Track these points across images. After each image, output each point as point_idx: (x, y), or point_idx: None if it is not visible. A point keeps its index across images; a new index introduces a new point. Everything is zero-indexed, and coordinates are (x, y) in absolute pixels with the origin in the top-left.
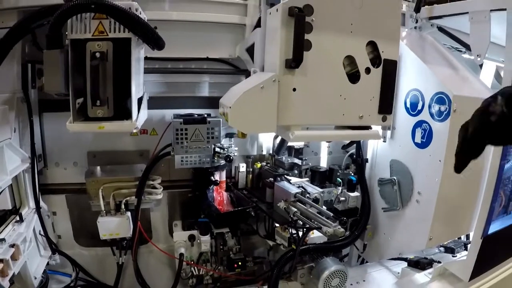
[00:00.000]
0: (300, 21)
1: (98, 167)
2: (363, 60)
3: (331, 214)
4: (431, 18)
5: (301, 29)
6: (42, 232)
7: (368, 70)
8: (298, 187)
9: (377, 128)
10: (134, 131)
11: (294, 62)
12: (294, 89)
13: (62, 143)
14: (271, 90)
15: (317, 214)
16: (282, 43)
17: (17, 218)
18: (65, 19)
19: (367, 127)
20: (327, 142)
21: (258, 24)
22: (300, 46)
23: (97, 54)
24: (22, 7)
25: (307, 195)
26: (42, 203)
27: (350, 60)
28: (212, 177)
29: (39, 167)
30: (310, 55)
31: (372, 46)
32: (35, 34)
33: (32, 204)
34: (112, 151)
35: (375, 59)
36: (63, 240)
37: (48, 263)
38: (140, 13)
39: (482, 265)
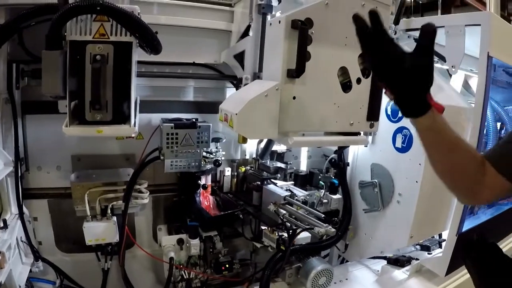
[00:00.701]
0: (304, 33)
1: (83, 171)
2: (355, 70)
3: (322, 215)
4: (408, 30)
5: (304, 41)
6: (23, 239)
7: (359, 80)
8: (286, 190)
9: (362, 134)
10: (133, 135)
11: (296, 72)
12: (294, 97)
13: (45, 146)
14: (274, 98)
15: (308, 216)
16: (284, 53)
17: (1, 224)
18: (67, 20)
19: (356, 133)
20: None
21: (246, 32)
22: (303, 57)
23: (98, 57)
24: (10, 5)
25: (295, 197)
26: (24, 209)
27: (343, 71)
28: (199, 181)
29: (21, 170)
30: (309, 65)
31: (363, 57)
32: (22, 33)
33: (14, 209)
34: (97, 155)
35: (365, 70)
36: (43, 246)
37: (30, 271)
38: (140, 17)
39: (457, 261)
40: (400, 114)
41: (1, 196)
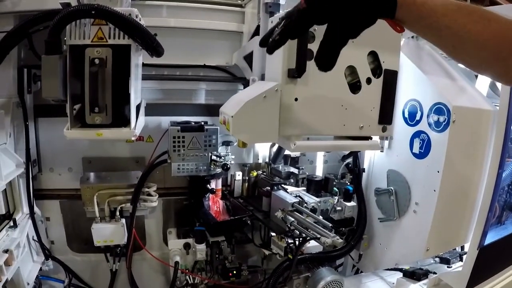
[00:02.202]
0: None
1: (93, 173)
2: (364, 70)
3: (330, 225)
4: None
5: (304, 39)
6: (35, 238)
7: (369, 80)
8: (295, 196)
9: (375, 138)
10: (133, 138)
11: (297, 72)
12: (296, 99)
13: (57, 148)
14: (273, 100)
15: (315, 224)
16: (285, 52)
17: (11, 223)
18: (65, 25)
19: (367, 138)
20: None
21: (256, 32)
22: (303, 56)
23: (96, 61)
24: (19, 12)
25: (305, 204)
26: (36, 209)
27: (351, 70)
28: (208, 185)
29: (34, 172)
30: (312, 64)
31: (373, 56)
32: (31, 38)
33: (26, 209)
34: (108, 157)
35: (376, 69)
36: (56, 245)
37: (41, 269)
38: (140, 20)
39: (478, 276)
40: (418, 117)
41: (13, 196)
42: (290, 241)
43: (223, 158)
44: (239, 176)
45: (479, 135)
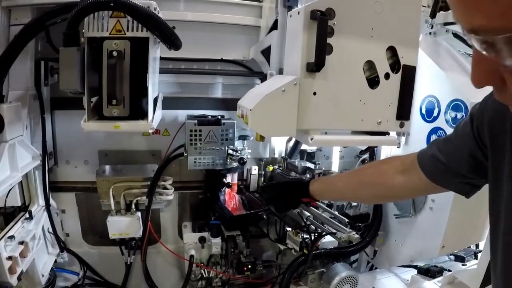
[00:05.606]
0: (323, 24)
1: (109, 166)
2: (383, 65)
3: (346, 220)
4: (446, 24)
5: (323, 33)
6: (50, 230)
7: (387, 76)
8: None
9: (392, 134)
10: (150, 131)
11: (316, 66)
12: (315, 93)
13: (73, 141)
14: (292, 94)
15: (331, 219)
16: (303, 46)
17: (27, 215)
18: (83, 17)
19: (385, 133)
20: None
21: (274, 26)
22: (322, 50)
23: (114, 53)
24: (36, 4)
25: None
26: (51, 201)
27: (369, 65)
28: (224, 179)
29: (50, 164)
30: (331, 59)
31: (392, 51)
32: (49, 31)
33: (41, 201)
34: (124, 150)
35: (394, 65)
36: (71, 238)
37: (55, 261)
38: (158, 13)
39: None
40: (435, 114)
41: (29, 188)
42: (305, 236)
43: (239, 152)
44: (255, 170)
45: None
